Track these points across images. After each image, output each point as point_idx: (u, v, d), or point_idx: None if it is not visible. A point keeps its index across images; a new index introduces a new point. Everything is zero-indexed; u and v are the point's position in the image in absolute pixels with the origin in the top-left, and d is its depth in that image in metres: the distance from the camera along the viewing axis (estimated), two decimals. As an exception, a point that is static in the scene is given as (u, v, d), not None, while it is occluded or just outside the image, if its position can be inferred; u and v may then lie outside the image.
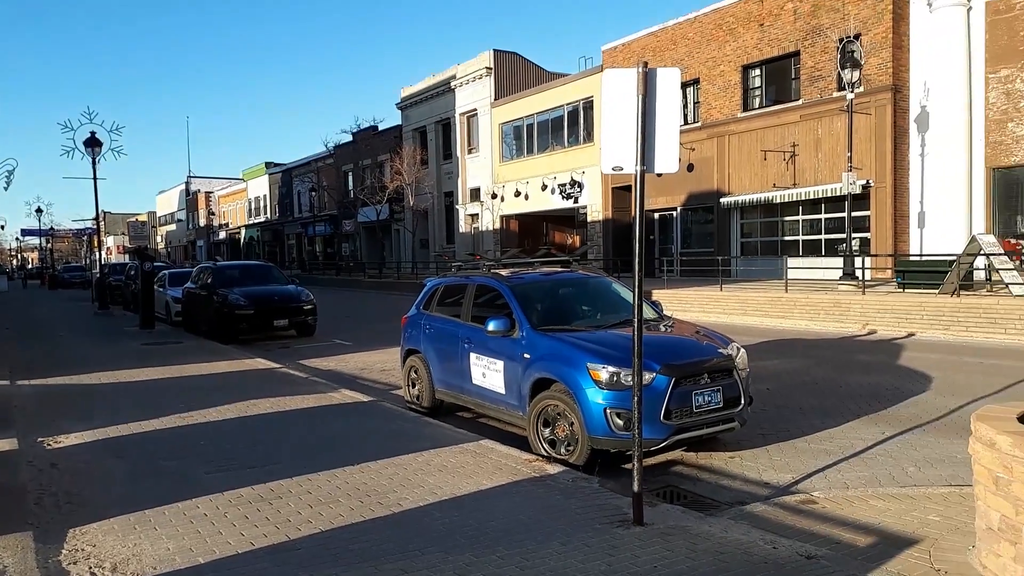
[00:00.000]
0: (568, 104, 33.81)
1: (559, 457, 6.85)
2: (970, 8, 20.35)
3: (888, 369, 11.60)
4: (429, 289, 9.78)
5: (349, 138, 50.15)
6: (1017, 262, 18.42)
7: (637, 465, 5.05)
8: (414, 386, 9.63)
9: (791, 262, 21.80)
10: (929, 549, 4.51)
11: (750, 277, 24.46)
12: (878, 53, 21.91)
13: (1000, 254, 16.71)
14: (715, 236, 27.46)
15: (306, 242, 62.29)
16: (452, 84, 41.48)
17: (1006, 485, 3.71)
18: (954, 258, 17.01)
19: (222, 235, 77.32)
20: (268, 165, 67.78)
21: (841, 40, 21.68)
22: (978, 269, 17.70)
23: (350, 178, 51.90)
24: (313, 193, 56.15)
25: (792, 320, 18.18)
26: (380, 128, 49.22)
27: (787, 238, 25.71)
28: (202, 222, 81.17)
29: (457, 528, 5.00)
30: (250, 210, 71.66)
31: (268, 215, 67.95)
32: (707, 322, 17.28)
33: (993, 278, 17.25)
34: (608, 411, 6.47)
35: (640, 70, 4.82)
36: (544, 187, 34.68)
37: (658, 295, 21.49)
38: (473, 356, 8.18)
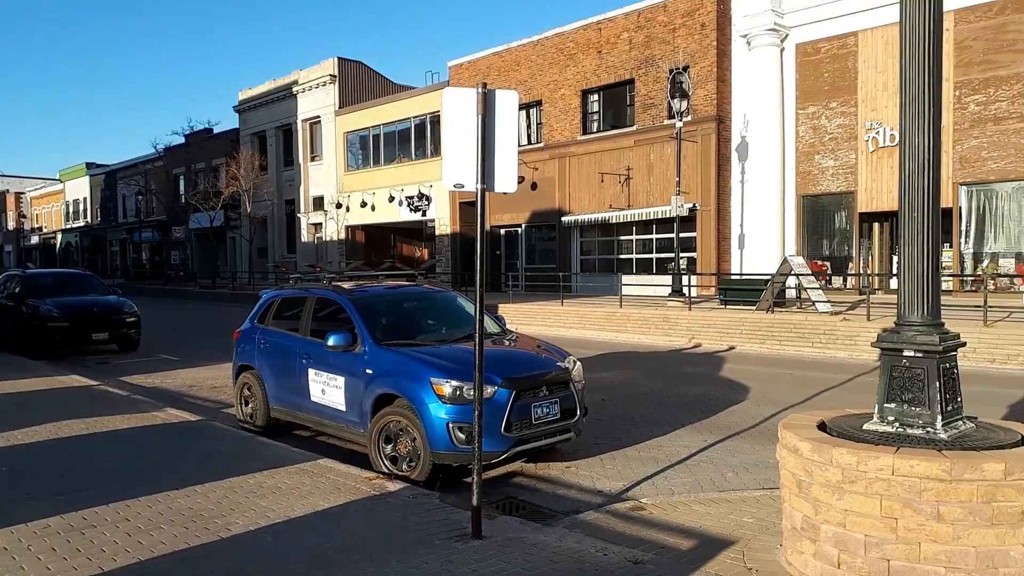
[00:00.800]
0: (416, 117, 33.78)
1: (401, 474, 6.78)
2: (783, 49, 22.40)
3: (711, 380, 12.44)
4: (265, 301, 9.40)
5: (181, 140, 47.36)
6: (822, 281, 20.39)
7: (477, 479, 5.09)
8: (247, 404, 9.20)
9: (626, 279, 22.94)
10: (743, 549, 4.87)
11: (589, 293, 25.44)
12: (704, 85, 23.59)
13: (808, 274, 18.40)
14: (557, 253, 28.36)
15: (131, 249, 58.04)
16: (294, 90, 40.29)
17: (807, 488, 4.08)
18: (769, 277, 18.55)
19: (35, 240, 70.53)
20: (89, 166, 62.70)
21: (671, 71, 23.15)
22: (790, 288, 19.38)
23: (181, 182, 49.00)
24: (140, 197, 52.51)
25: (626, 334, 19.07)
26: (216, 131, 46.89)
27: (622, 256, 27.00)
28: (11, 225, 73.69)
29: (291, 552, 4.82)
30: (68, 214, 65.89)
31: (89, 219, 62.73)
32: (549, 335, 17.79)
33: (802, 296, 18.95)
34: (451, 425, 6.49)
35: (479, 91, 4.92)
36: (391, 199, 34.39)
37: (504, 309, 21.86)
38: (312, 372, 7.94)
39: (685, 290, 20.57)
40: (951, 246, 20.14)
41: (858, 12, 20.48)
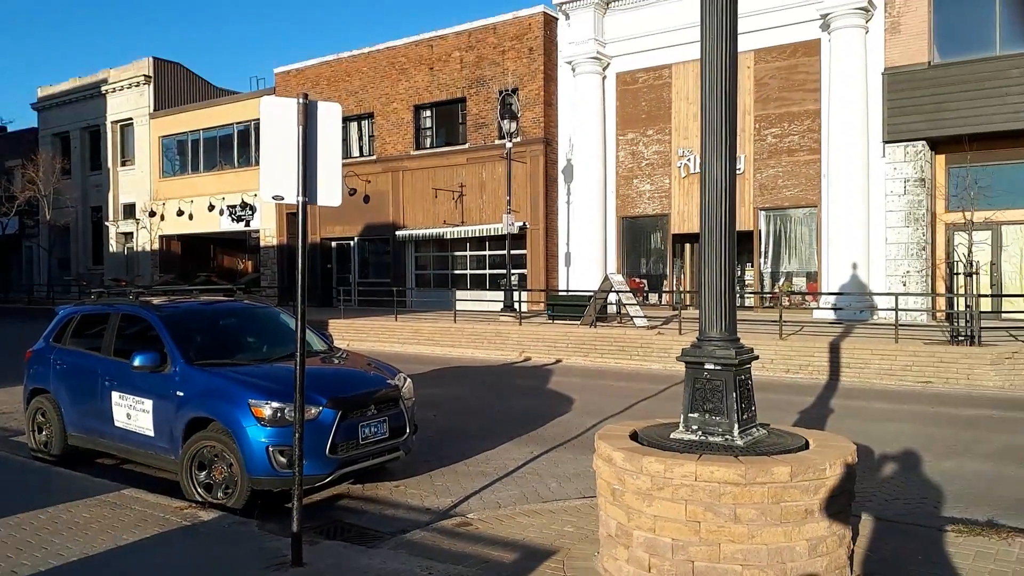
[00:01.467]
0: (239, 123, 32.31)
1: (216, 502, 6.40)
2: (605, 77, 23.63)
3: (539, 393, 12.80)
4: (62, 319, 8.58)
5: (-35, 138, 42.41)
6: (640, 298, 21.59)
7: (297, 504, 4.92)
8: (41, 431, 8.34)
9: (460, 294, 23.15)
10: (563, 559, 5.03)
11: (425, 308, 25.41)
12: (532, 108, 24.39)
13: (626, 291, 19.44)
14: (392, 267, 28.09)
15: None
16: (103, 89, 37.28)
17: (620, 495, 4.29)
18: (592, 294, 19.41)
19: None
20: None
21: (501, 92, 23.74)
22: (611, 304, 20.37)
23: (-34, 185, 43.78)
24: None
25: (460, 349, 19.21)
26: (10, 129, 42.40)
27: (457, 272, 27.22)
28: None
29: (86, 594, 4.40)
30: None
31: None
32: (382, 352, 17.55)
33: (622, 311, 19.98)
34: (271, 449, 6.22)
35: (300, 101, 4.81)
36: (212, 207, 32.60)
37: (336, 325, 21.31)
38: (116, 395, 7.33)
39: (516, 305, 21.07)
40: (752, 265, 22.05)
41: (672, 46, 22.01)
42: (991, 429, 9.72)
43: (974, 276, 14.10)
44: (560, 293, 22.41)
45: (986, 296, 17.40)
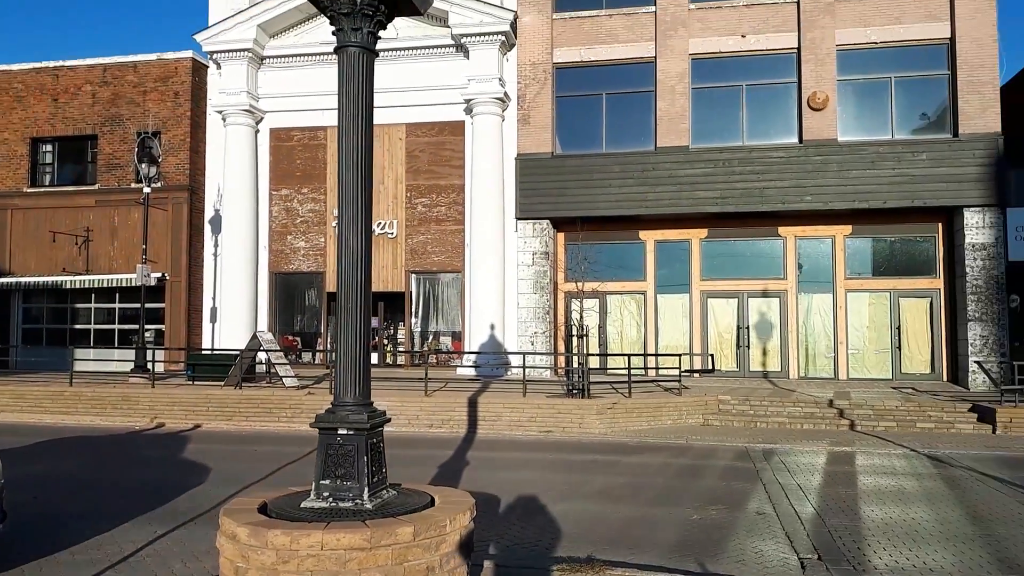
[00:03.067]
0: None
1: None
2: (258, 131, 23.11)
3: (171, 463, 11.71)
4: None
5: None
6: (293, 356, 21.06)
7: None
8: None
9: (81, 353, 20.47)
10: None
11: (35, 368, 21.92)
12: (177, 153, 22.88)
13: (276, 350, 18.86)
14: (-11, 321, 23.82)
15: None
16: None
17: (244, 573, 4.10)
18: (239, 352, 18.47)
19: None
20: None
21: (140, 134, 21.96)
22: (260, 363, 19.58)
23: None
24: None
25: (77, 416, 16.85)
26: None
27: (79, 327, 24.03)
28: None
29: None
30: None
31: None
32: (-33, 424, 14.66)
33: (271, 371, 19.29)
34: None
35: None
36: None
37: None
38: None
39: (150, 365, 19.15)
40: (404, 324, 22.90)
41: (326, 109, 22.35)
42: (595, 472, 11.19)
43: (585, 338, 16.28)
44: (203, 352, 20.95)
45: (594, 355, 20.17)
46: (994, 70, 19.25)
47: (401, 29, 20.89)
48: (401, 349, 23.16)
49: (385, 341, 23.63)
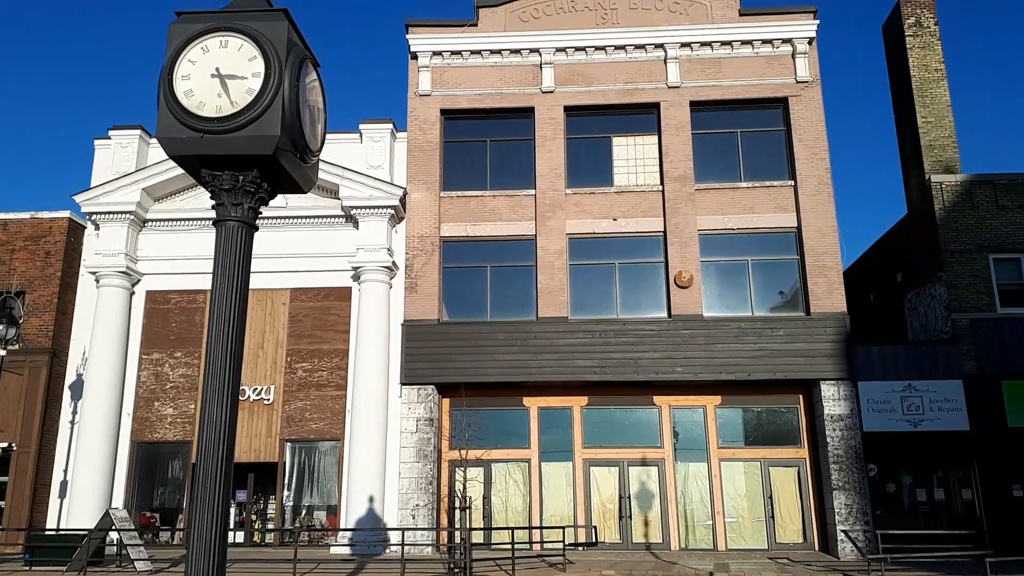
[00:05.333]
0: None
1: None
2: (134, 293, 22.39)
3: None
4: None
5: None
6: (151, 535, 19.27)
7: None
8: None
9: None
10: None
11: None
12: (41, 315, 21.73)
13: (130, 529, 17.28)
14: None
15: None
16: None
17: None
18: (87, 533, 16.79)
19: None
20: None
21: (2, 293, 20.82)
22: (111, 544, 17.80)
23: None
24: None
25: None
26: None
27: None
28: None
29: None
30: None
31: None
32: None
33: (123, 553, 17.55)
34: None
35: None
36: None
37: None
38: None
39: (-22, 549, 17.04)
40: (276, 498, 21.59)
41: (207, 273, 22.02)
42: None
43: (468, 510, 15.85)
44: (48, 532, 18.92)
45: (478, 529, 19.56)
46: (836, 256, 21.48)
47: (292, 199, 21.35)
48: (271, 526, 21.67)
49: (253, 517, 22.09)
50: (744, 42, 22.70)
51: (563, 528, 18.29)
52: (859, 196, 70.80)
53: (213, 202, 5.02)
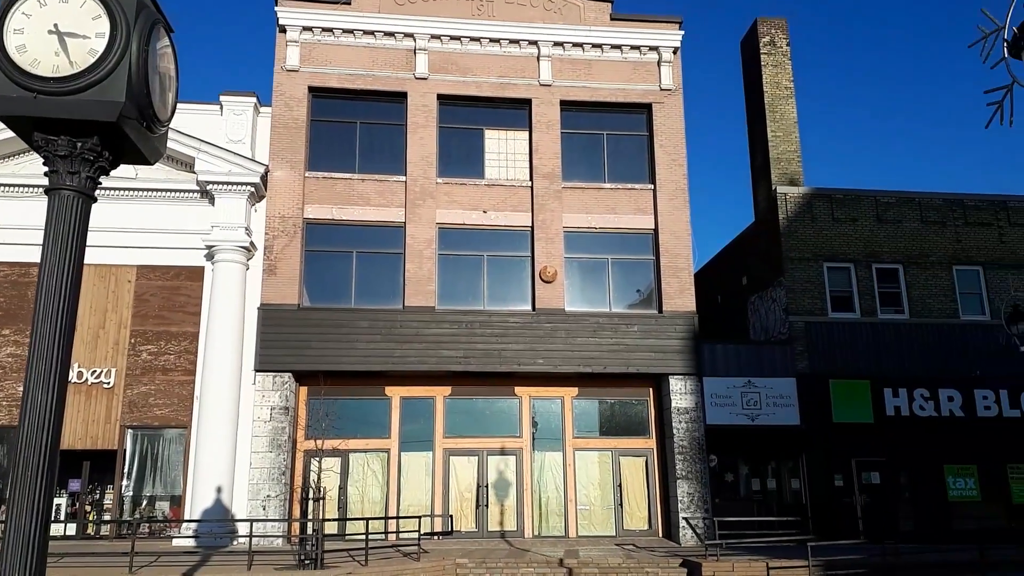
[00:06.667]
0: None
1: None
2: (-45, 263, 20.27)
3: None
4: None
5: None
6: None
7: None
8: None
9: None
10: None
11: None
12: None
13: (-59, 522, 15.66)
14: None
15: None
16: None
17: None
18: None
19: None
20: None
21: None
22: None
23: None
24: None
25: None
26: None
27: None
28: None
29: None
30: None
31: None
32: None
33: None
34: None
35: None
36: None
37: None
38: None
39: None
40: (113, 488, 20.24)
41: (40, 245, 20.28)
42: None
43: (322, 501, 15.50)
44: None
45: (332, 520, 19.20)
46: (689, 258, 22.63)
47: (143, 170, 20.00)
48: (107, 517, 20.30)
49: (88, 508, 20.62)
50: (614, 46, 23.40)
51: (419, 518, 18.25)
52: (712, 202, 75.07)
53: (46, 168, 4.63)
